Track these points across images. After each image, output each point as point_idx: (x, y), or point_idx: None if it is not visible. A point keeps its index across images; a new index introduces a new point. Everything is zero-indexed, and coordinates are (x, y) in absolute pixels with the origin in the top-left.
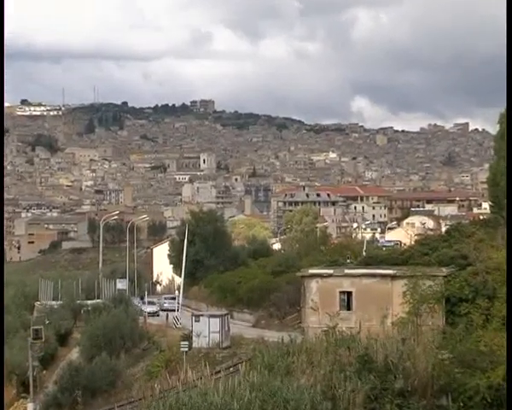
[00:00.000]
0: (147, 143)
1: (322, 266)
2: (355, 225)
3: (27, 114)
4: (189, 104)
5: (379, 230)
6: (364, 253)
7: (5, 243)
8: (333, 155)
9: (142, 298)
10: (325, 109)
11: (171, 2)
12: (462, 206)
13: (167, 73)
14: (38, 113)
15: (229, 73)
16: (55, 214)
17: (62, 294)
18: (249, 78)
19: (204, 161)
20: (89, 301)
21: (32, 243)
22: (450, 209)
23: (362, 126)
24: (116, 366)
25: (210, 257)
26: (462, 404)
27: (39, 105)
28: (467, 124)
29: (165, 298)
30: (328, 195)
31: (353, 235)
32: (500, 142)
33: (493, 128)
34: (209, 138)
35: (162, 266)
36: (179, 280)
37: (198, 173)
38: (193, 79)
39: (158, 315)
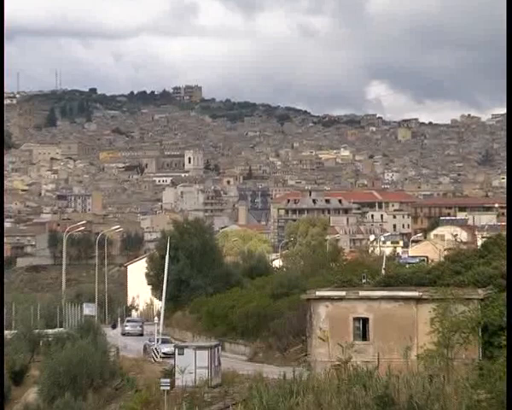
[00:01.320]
0: (120, 138)
1: (332, 288)
2: (372, 237)
3: None
4: (171, 91)
5: (401, 243)
6: (383, 271)
7: None
8: (345, 153)
9: (114, 326)
10: (336, 97)
11: None
12: (502, 214)
13: (144, 54)
14: None
15: (220, 53)
16: (8, 225)
17: (17, 321)
18: (244, 59)
19: (189, 159)
20: (49, 331)
21: None
22: (488, 218)
23: (380, 118)
24: (82, 408)
25: (197, 276)
26: None
27: None
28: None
29: (128, 320)
30: (340, 201)
31: (370, 249)
32: None
33: None
34: (195, 132)
35: (139, 287)
36: (159, 304)
37: (182, 175)
38: (175, 60)
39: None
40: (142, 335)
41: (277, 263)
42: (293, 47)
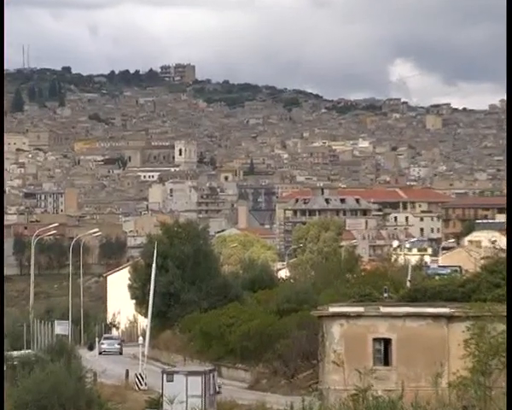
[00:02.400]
0: (98, 125)
1: (348, 303)
2: (395, 243)
3: None
4: (158, 71)
5: (430, 250)
6: (409, 283)
7: None
8: (364, 144)
9: (90, 347)
10: (353, 79)
11: None
12: None
13: (126, 26)
14: None
15: (216, 26)
16: None
17: None
18: (244, 33)
19: (180, 151)
20: (15, 353)
21: None
22: None
23: (405, 103)
24: None
25: (189, 289)
26: None
27: None
28: None
29: (105, 338)
30: (358, 200)
31: (393, 258)
32: None
33: None
34: (187, 119)
35: (120, 301)
36: (145, 322)
37: (172, 170)
38: (163, 34)
39: None
40: (121, 354)
41: (284, 274)
42: (302, 19)
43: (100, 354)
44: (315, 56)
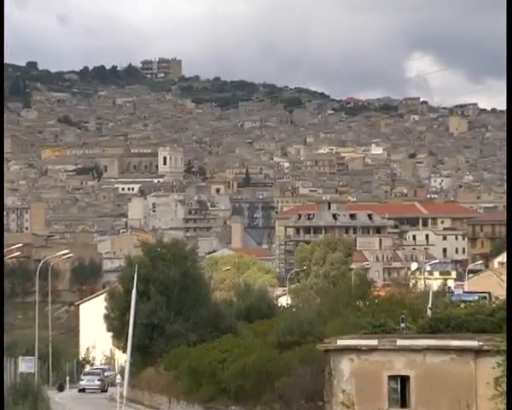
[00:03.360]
0: (69, 130)
1: (359, 335)
2: (414, 265)
3: None
4: (139, 66)
5: (454, 274)
6: (430, 312)
7: None
8: (377, 151)
9: (60, 388)
10: (364, 75)
11: None
12: None
13: (101, 15)
14: None
15: (205, 14)
16: None
17: None
18: (238, 23)
19: (164, 160)
20: None
21: None
22: None
23: (425, 103)
24: None
25: (174, 319)
26: None
27: None
28: None
29: (86, 373)
30: (370, 216)
31: (411, 282)
32: None
33: None
34: (173, 123)
35: (95, 333)
36: (123, 358)
37: (155, 181)
38: (145, 24)
39: None
40: (105, 391)
41: (284, 301)
42: (305, 7)
43: (80, 391)
44: (320, 49)
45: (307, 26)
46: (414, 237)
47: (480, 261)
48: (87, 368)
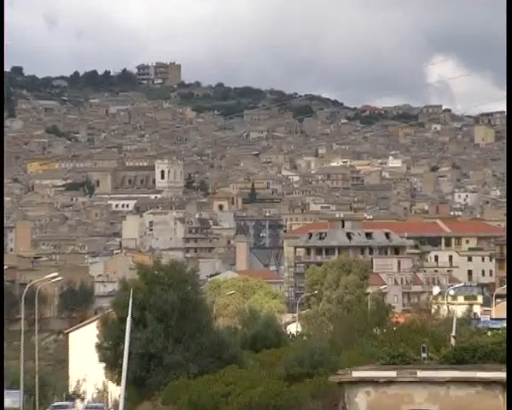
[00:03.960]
0: (58, 141)
1: (376, 366)
2: (436, 289)
3: None
4: (134, 71)
5: (480, 299)
6: (453, 341)
7: None
8: (396, 164)
9: None
10: (381, 81)
11: None
12: None
13: (93, 16)
14: None
15: (207, 15)
16: None
17: None
18: (243, 24)
19: (163, 174)
20: None
21: None
22: None
23: (448, 111)
24: None
25: (173, 349)
26: None
27: None
28: None
29: (55, 407)
30: (388, 235)
31: (433, 308)
32: None
33: None
34: (171, 133)
35: (86, 365)
36: (117, 391)
37: (152, 197)
38: (140, 26)
39: None
40: None
41: (294, 329)
42: (316, 7)
43: None
44: (333, 53)
45: (318, 28)
46: (436, 258)
47: None
48: (56, 402)
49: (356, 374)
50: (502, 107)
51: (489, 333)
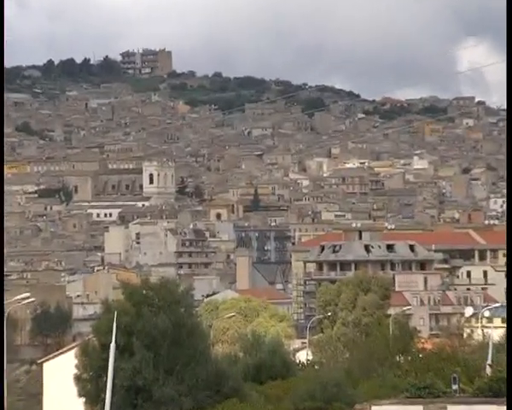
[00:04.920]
0: (30, 141)
1: (400, 399)
2: (469, 311)
3: None
4: (118, 59)
5: None
6: (489, 370)
7: None
8: (421, 164)
9: None
10: (404, 69)
11: None
12: None
13: None
14: None
15: None
16: None
17: None
18: (244, 5)
19: (151, 178)
20: None
21: None
22: None
23: (482, 104)
24: None
25: (164, 381)
26: None
27: None
28: None
29: None
30: (412, 247)
31: (466, 332)
32: None
33: None
34: (162, 131)
35: (63, 399)
36: None
37: (139, 205)
38: (125, 7)
39: None
40: None
41: (304, 356)
42: None
43: None
44: (347, 37)
45: (330, 6)
46: (468, 274)
47: None
48: None
49: (376, 409)
50: None
51: None
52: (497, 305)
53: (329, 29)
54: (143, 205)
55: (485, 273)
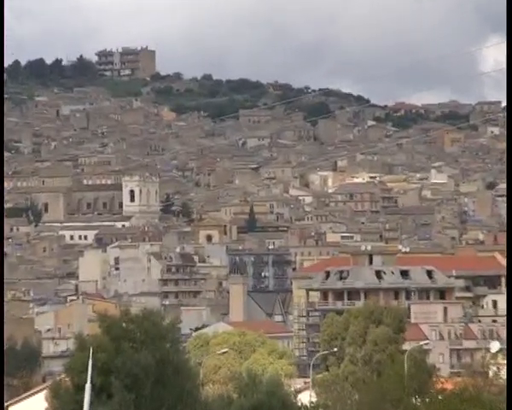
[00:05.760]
0: None
1: None
2: (495, 345)
3: None
4: (93, 60)
5: None
6: None
7: None
8: (440, 179)
9: None
10: (420, 71)
11: None
12: None
13: None
14: None
15: None
16: None
17: None
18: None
19: (132, 194)
20: None
21: None
22: None
23: None
24: None
25: None
26: None
27: None
28: None
29: None
30: (430, 273)
31: (491, 370)
32: None
33: None
34: (145, 142)
35: None
36: None
37: (118, 226)
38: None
39: None
40: None
41: (307, 398)
42: None
43: None
44: (354, 34)
45: (335, 3)
46: (494, 304)
47: None
48: None
49: None
50: None
51: None
52: None
53: (334, 25)
54: (123, 226)
55: None
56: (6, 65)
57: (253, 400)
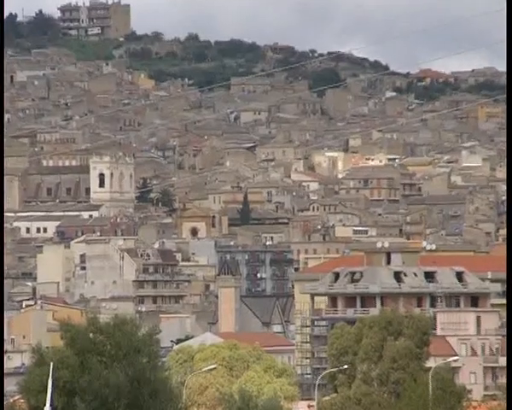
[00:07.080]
0: None
1: None
2: None
3: None
4: (56, 15)
5: None
6: None
7: None
8: (473, 161)
9: None
10: (448, 32)
11: None
12: None
13: None
14: None
15: None
16: None
17: None
18: None
19: (102, 178)
20: None
21: None
22: None
23: None
24: None
25: None
26: None
27: None
28: None
29: None
30: (460, 275)
31: None
32: None
33: None
34: (117, 115)
35: None
36: None
37: (85, 216)
38: None
39: None
40: None
41: None
42: None
43: None
44: None
45: None
46: None
47: None
48: None
49: None
50: None
51: None
52: None
53: None
54: (91, 216)
55: None
56: None
57: None
